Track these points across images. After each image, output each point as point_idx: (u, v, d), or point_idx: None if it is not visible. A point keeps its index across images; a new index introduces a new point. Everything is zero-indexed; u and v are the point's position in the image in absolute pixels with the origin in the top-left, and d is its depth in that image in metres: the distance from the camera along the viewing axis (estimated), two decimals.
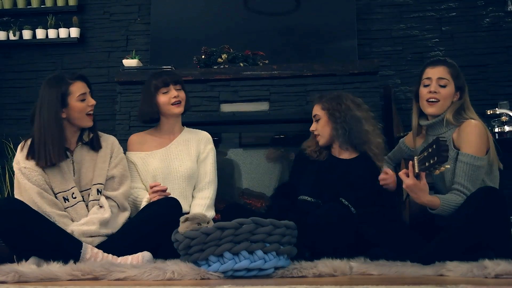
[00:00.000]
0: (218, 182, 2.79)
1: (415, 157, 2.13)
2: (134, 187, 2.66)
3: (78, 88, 2.38)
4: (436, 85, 2.36)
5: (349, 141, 2.62)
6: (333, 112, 2.64)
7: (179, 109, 2.71)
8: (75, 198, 2.36)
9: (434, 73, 2.39)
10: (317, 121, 2.70)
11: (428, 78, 2.39)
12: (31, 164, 2.32)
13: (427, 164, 1.99)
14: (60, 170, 2.36)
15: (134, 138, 2.80)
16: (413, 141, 2.56)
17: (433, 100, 2.37)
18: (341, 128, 2.60)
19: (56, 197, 2.34)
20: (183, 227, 1.97)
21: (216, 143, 2.84)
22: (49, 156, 2.30)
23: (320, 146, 2.71)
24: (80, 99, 2.37)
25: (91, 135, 2.48)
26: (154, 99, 2.69)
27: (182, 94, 2.73)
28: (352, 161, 2.66)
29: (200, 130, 2.87)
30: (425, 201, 2.16)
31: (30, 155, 2.34)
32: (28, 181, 2.30)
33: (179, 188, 2.68)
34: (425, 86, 2.40)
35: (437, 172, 1.99)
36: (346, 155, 2.69)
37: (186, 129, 2.86)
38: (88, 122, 2.43)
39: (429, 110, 2.39)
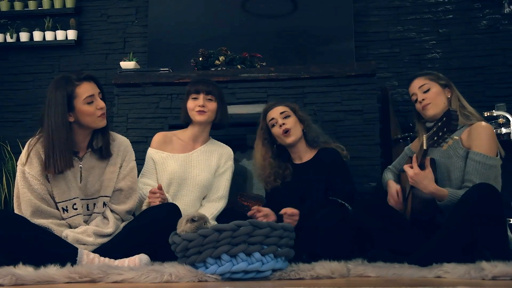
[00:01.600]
0: None
1: (424, 136, 2.15)
2: (147, 183, 2.66)
3: (85, 90, 2.23)
4: (421, 93, 2.49)
5: (316, 140, 2.72)
6: (301, 115, 2.77)
7: (200, 117, 2.71)
8: (76, 209, 2.28)
9: (414, 86, 2.53)
10: (286, 117, 2.71)
11: (413, 94, 2.54)
12: (35, 171, 2.21)
13: (435, 138, 2.03)
14: (64, 178, 2.25)
15: (160, 137, 2.81)
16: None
17: (425, 104, 2.47)
18: (312, 128, 2.74)
19: (56, 205, 2.26)
20: (187, 228, 1.96)
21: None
22: (58, 164, 2.18)
23: (289, 144, 2.70)
24: (87, 102, 2.22)
25: (102, 142, 2.34)
26: (186, 103, 2.76)
27: (211, 105, 2.73)
28: (316, 157, 2.70)
29: (224, 145, 2.88)
30: (433, 190, 2.18)
31: (38, 161, 2.22)
32: (27, 189, 2.20)
33: (191, 195, 2.69)
34: (415, 101, 2.53)
35: (445, 146, 2.04)
36: (307, 156, 2.73)
37: (211, 140, 2.87)
38: (100, 123, 2.28)
39: (428, 113, 2.46)
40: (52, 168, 2.18)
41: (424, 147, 2.12)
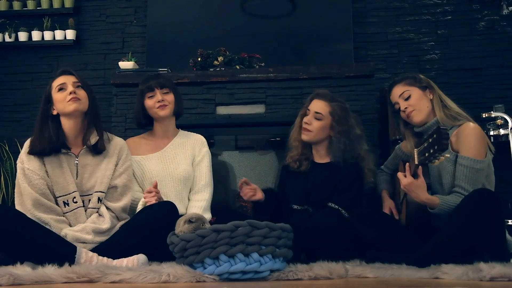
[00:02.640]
0: (214, 184, 2.79)
1: (415, 149, 2.14)
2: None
3: (57, 81, 2.40)
4: (402, 101, 2.46)
5: (342, 156, 2.57)
6: (339, 125, 2.58)
7: (163, 112, 2.71)
8: (76, 202, 2.34)
9: (395, 95, 2.50)
10: (317, 119, 2.61)
11: (395, 103, 2.50)
12: (34, 166, 2.32)
13: (426, 154, 2.01)
14: (62, 173, 2.35)
15: (129, 143, 2.78)
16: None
17: (409, 112, 2.43)
18: (343, 144, 2.56)
19: (56, 201, 2.33)
20: (185, 229, 1.96)
21: (212, 146, 2.85)
22: (35, 146, 2.33)
23: (303, 142, 2.66)
24: (58, 89, 2.38)
25: (97, 137, 2.43)
26: (142, 103, 2.75)
27: (169, 98, 2.73)
28: (334, 164, 2.62)
29: (195, 133, 2.87)
30: (424, 199, 2.17)
31: (35, 157, 2.35)
32: (27, 185, 2.29)
33: (175, 190, 2.67)
34: (399, 110, 2.49)
35: (436, 162, 2.00)
36: (327, 158, 2.67)
37: (181, 132, 2.86)
38: (69, 106, 2.36)
39: (414, 120, 2.44)
40: (30, 150, 2.35)
41: (416, 162, 2.10)
